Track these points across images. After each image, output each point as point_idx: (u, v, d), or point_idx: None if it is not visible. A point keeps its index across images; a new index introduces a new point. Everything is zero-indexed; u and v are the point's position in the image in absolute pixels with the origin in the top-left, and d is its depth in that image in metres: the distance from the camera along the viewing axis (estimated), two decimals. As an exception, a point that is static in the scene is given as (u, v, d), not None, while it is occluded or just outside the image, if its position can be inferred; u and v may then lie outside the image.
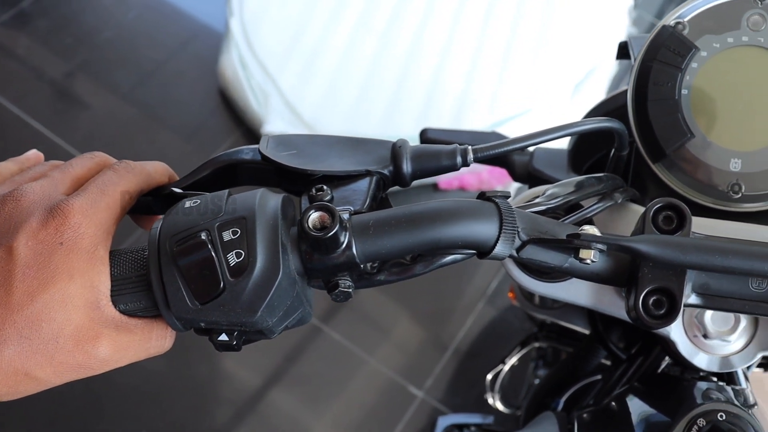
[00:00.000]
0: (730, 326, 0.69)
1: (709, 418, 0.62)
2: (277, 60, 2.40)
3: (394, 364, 2.07)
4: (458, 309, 2.16)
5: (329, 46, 2.44)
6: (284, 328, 0.56)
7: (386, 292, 2.18)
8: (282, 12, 2.51)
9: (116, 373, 0.56)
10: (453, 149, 0.61)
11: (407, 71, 2.40)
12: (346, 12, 2.51)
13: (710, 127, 0.68)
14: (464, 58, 2.43)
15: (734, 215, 0.70)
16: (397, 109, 2.32)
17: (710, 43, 0.69)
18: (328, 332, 2.11)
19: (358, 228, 0.52)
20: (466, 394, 2.03)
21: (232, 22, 2.48)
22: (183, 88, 2.58)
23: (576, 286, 0.69)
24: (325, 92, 2.34)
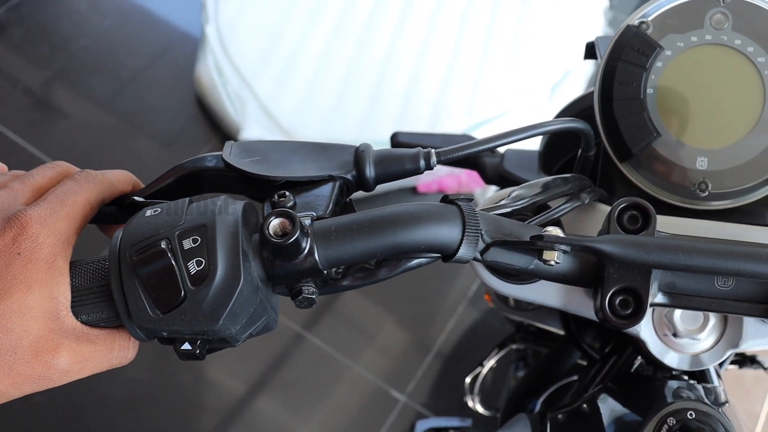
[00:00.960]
0: (699, 324, 0.69)
1: (679, 417, 0.62)
2: (254, 66, 2.39)
3: (376, 368, 2.07)
4: (439, 312, 2.16)
5: (306, 51, 2.44)
6: (249, 336, 0.55)
7: (368, 296, 2.18)
8: (258, 18, 2.50)
9: (97, 383, 0.56)
10: (416, 153, 0.60)
11: (384, 76, 2.40)
12: (323, 17, 2.51)
13: (676, 126, 0.68)
14: (441, 61, 2.43)
15: (702, 213, 0.70)
16: (374, 114, 2.32)
17: (674, 42, 0.69)
18: (311, 338, 2.10)
19: (320, 234, 0.52)
20: (449, 397, 2.03)
21: (208, 28, 2.47)
22: (161, 95, 2.57)
23: (545, 287, 0.69)
24: (302, 98, 2.34)
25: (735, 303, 0.59)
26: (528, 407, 1.00)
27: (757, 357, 1.21)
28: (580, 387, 0.87)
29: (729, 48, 0.68)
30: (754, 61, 0.68)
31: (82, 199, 0.56)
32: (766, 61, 0.67)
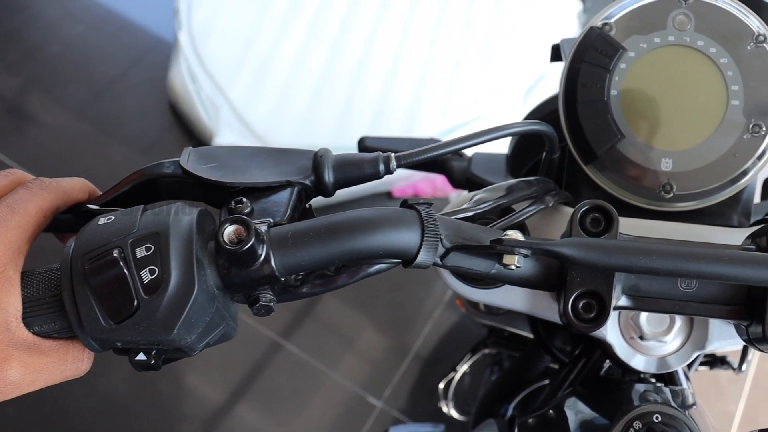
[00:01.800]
0: (665, 327, 0.69)
1: (645, 420, 0.62)
2: (227, 72, 2.37)
3: (353, 374, 2.06)
4: (416, 317, 2.15)
5: (279, 57, 2.43)
6: (206, 345, 0.54)
7: (344, 302, 2.17)
8: (231, 24, 2.49)
9: (70, 394, 0.55)
10: (375, 157, 0.60)
11: (358, 81, 2.39)
12: (296, 23, 2.50)
13: (641, 128, 0.68)
14: (415, 66, 2.42)
15: (668, 215, 0.70)
16: (348, 119, 2.31)
17: (637, 43, 0.69)
18: (288, 346, 2.09)
19: (276, 240, 0.51)
20: (426, 402, 2.02)
21: (181, 34, 2.46)
22: (134, 102, 2.55)
23: (510, 291, 0.68)
24: (275, 103, 2.33)
25: (699, 305, 0.59)
26: (499, 412, 0.99)
27: (727, 358, 1.21)
28: (550, 391, 0.87)
29: (692, 49, 0.68)
30: (716, 62, 0.68)
31: (34, 207, 0.54)
32: (728, 62, 0.67)
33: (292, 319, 2.13)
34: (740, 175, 0.68)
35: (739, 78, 0.67)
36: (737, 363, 1.15)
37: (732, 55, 0.67)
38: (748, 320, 0.58)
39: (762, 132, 0.67)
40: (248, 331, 2.09)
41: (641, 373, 0.75)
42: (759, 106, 0.67)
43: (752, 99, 0.67)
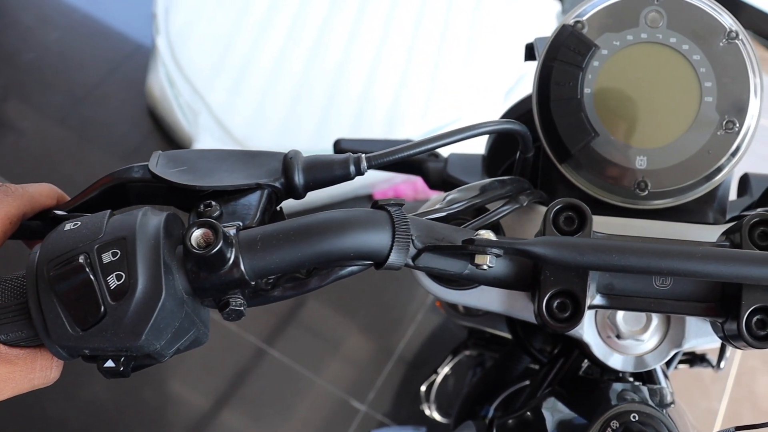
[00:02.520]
0: (642, 325, 0.68)
1: (623, 419, 0.61)
2: (206, 77, 2.36)
3: (336, 378, 2.05)
4: (399, 320, 2.14)
5: (258, 61, 2.42)
6: (176, 351, 0.53)
7: (327, 305, 2.16)
8: (209, 28, 2.48)
9: (51, 402, 0.54)
10: (345, 158, 0.59)
11: (337, 84, 2.38)
12: (275, 26, 2.49)
13: (615, 126, 0.68)
14: (394, 68, 2.42)
15: (643, 213, 0.70)
16: (328, 122, 2.30)
17: (610, 41, 0.68)
18: (271, 351, 2.07)
19: (245, 244, 0.50)
20: (410, 405, 2.01)
21: (159, 39, 2.44)
22: (113, 108, 2.53)
23: (486, 292, 0.68)
24: (255, 107, 2.32)
25: (674, 302, 0.59)
26: (480, 414, 0.99)
27: (706, 356, 1.21)
28: (530, 392, 0.86)
29: (664, 46, 0.68)
30: (689, 59, 0.67)
31: (0, 214, 0.54)
32: (701, 58, 0.67)
33: (276, 323, 2.12)
34: (714, 171, 0.68)
35: (711, 74, 0.67)
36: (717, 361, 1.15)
37: (704, 51, 0.67)
38: (724, 317, 0.58)
39: (735, 128, 0.67)
40: (232, 337, 2.08)
41: (619, 373, 0.74)
42: (732, 102, 0.67)
43: (725, 95, 0.67)
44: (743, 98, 0.67)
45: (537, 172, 0.74)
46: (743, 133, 0.67)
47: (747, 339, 0.56)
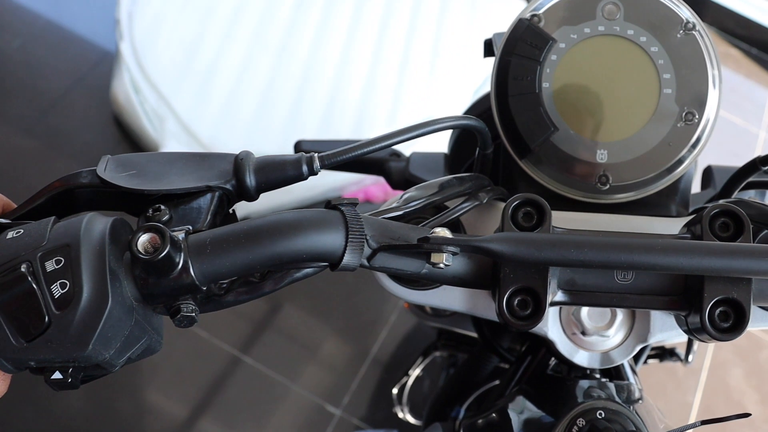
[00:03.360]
0: (607, 321, 0.68)
1: (588, 417, 0.60)
2: (171, 82, 2.33)
3: (311, 383, 2.03)
4: (372, 322, 2.13)
5: (224, 65, 2.39)
6: (128, 361, 0.52)
7: (299, 309, 2.14)
8: (174, 32, 2.45)
9: (19, 419, 0.51)
10: (298, 158, 0.58)
11: (304, 87, 2.36)
12: (240, 30, 2.47)
13: (574, 120, 0.67)
14: (361, 70, 2.41)
15: (605, 207, 0.69)
16: (295, 125, 2.28)
17: (567, 34, 0.67)
18: (245, 358, 2.05)
19: (194, 248, 0.49)
20: (386, 407, 2.00)
21: (122, 45, 2.41)
22: (78, 116, 2.49)
23: (449, 292, 0.67)
24: (222, 111, 2.29)
25: (636, 297, 0.58)
26: (451, 415, 0.98)
27: (676, 350, 1.21)
28: (499, 391, 0.85)
29: (622, 38, 0.67)
30: (647, 51, 0.67)
31: None
32: (659, 50, 0.67)
33: (249, 329, 2.10)
34: (676, 164, 0.67)
35: (670, 66, 0.66)
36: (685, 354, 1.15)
37: (662, 43, 0.67)
38: (687, 310, 0.57)
39: (695, 120, 0.66)
40: (206, 345, 2.06)
41: (587, 370, 0.74)
42: (691, 93, 0.66)
43: (684, 87, 0.66)
44: (702, 89, 0.66)
45: (496, 168, 0.73)
46: (703, 125, 0.67)
47: (710, 331, 0.55)
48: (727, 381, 2.17)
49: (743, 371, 2.18)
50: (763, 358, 2.21)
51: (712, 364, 2.19)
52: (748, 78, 2.92)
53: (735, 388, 2.16)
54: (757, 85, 2.90)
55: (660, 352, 1.21)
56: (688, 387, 2.14)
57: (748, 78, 2.92)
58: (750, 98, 2.84)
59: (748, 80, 2.92)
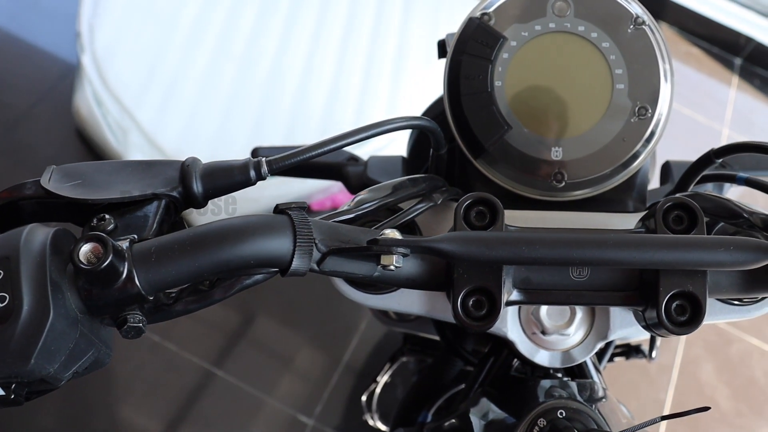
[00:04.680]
0: (566, 319, 0.67)
1: (549, 417, 0.60)
2: (134, 94, 2.30)
3: (282, 394, 2.01)
4: (343, 331, 2.12)
5: (187, 75, 2.37)
6: (75, 375, 0.50)
7: (269, 318, 2.12)
8: (136, 45, 2.42)
9: None
10: (245, 163, 0.57)
11: (269, 96, 2.35)
12: (203, 40, 2.44)
13: (528, 118, 0.67)
14: (326, 77, 2.40)
15: (562, 205, 0.69)
16: (261, 135, 2.27)
17: (518, 32, 0.67)
18: (216, 371, 2.03)
19: (139, 256, 0.48)
20: (359, 415, 1.98)
21: (84, 58, 2.38)
22: (40, 130, 2.45)
23: (407, 295, 0.66)
24: (186, 123, 2.27)
25: (593, 293, 0.57)
26: (418, 420, 0.97)
27: (641, 347, 1.21)
28: (463, 394, 0.85)
29: (573, 35, 0.67)
30: (598, 47, 0.67)
31: None
32: (610, 46, 0.66)
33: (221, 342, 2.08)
34: (631, 159, 0.67)
35: (622, 61, 0.66)
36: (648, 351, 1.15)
37: (613, 38, 0.67)
38: (643, 305, 0.57)
39: (648, 114, 0.66)
40: (177, 359, 2.03)
41: (549, 369, 0.73)
42: (643, 88, 0.66)
43: (636, 82, 0.66)
44: (654, 84, 0.66)
45: (452, 168, 0.73)
46: (656, 119, 0.66)
47: (667, 325, 0.54)
48: (698, 377, 2.18)
49: (714, 367, 2.20)
50: (733, 352, 2.22)
51: (683, 361, 2.20)
52: (710, 76, 2.95)
53: (707, 384, 2.17)
54: (719, 82, 2.93)
55: (626, 349, 1.21)
56: (661, 384, 2.15)
57: (710, 76, 2.95)
58: (712, 96, 2.87)
59: (710, 78, 2.94)
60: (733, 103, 2.86)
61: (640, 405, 2.09)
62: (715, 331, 2.25)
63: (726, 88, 2.91)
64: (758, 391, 2.17)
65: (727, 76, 2.95)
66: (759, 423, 2.13)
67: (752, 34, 2.90)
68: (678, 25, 3.02)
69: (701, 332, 2.22)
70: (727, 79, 2.94)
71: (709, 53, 3.00)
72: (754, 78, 2.95)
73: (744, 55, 2.96)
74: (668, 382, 2.15)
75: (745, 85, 2.93)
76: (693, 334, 2.18)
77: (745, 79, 2.95)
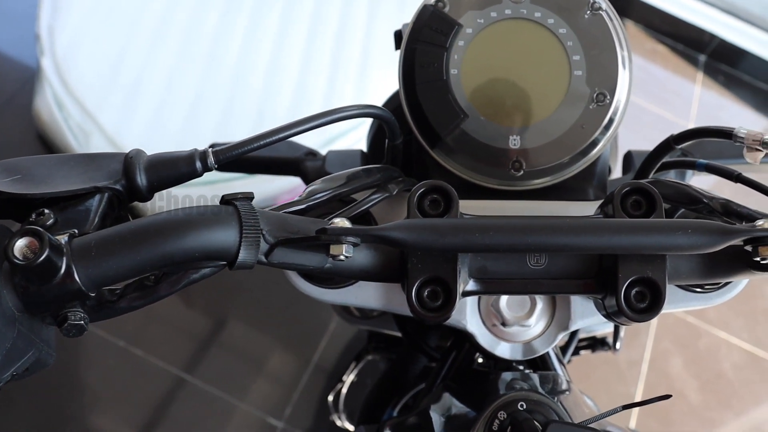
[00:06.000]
0: (527, 310, 0.66)
1: (510, 409, 0.58)
2: (96, 96, 2.27)
3: (252, 397, 1.99)
4: (312, 331, 2.10)
5: (150, 77, 2.34)
6: (13, 377, 0.48)
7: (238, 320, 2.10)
8: (97, 46, 2.39)
9: None
10: (191, 153, 0.55)
11: (233, 97, 2.32)
12: (167, 40, 2.41)
13: (485, 106, 0.65)
14: (291, 78, 2.38)
15: (522, 194, 0.67)
16: (226, 135, 2.24)
17: (474, 19, 0.66)
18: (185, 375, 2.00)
19: (78, 251, 0.46)
20: (328, 416, 1.97)
21: (44, 61, 2.34)
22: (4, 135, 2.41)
23: (364, 289, 0.64)
24: (149, 125, 2.24)
25: (551, 282, 0.56)
26: (382, 418, 0.95)
27: (606, 339, 1.20)
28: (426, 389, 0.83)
29: (530, 21, 0.66)
30: (555, 33, 0.66)
31: None
32: (567, 32, 0.65)
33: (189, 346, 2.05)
34: (590, 146, 0.66)
35: (579, 48, 0.65)
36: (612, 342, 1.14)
37: (570, 24, 0.65)
38: (603, 293, 0.56)
39: (607, 101, 0.65)
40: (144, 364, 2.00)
41: (513, 362, 0.72)
42: (601, 74, 0.65)
43: (594, 68, 0.65)
44: (612, 70, 0.65)
45: (409, 159, 0.71)
46: (615, 106, 0.65)
47: (627, 313, 0.53)
48: (668, 371, 2.19)
49: (683, 360, 2.21)
50: (702, 346, 2.23)
51: (652, 355, 2.20)
52: (675, 73, 2.97)
53: (676, 377, 2.18)
54: (685, 79, 2.94)
55: (591, 342, 1.21)
56: (631, 379, 2.15)
57: (675, 73, 2.97)
58: (678, 92, 2.88)
59: (676, 75, 2.96)
60: (699, 100, 2.88)
61: (610, 399, 2.09)
62: (683, 324, 2.26)
63: (691, 85, 2.93)
64: (726, 383, 2.18)
65: (692, 73, 2.96)
66: (727, 415, 2.14)
67: (716, 31, 2.92)
68: (643, 23, 3.04)
69: (670, 326, 2.24)
70: (692, 75, 2.96)
71: (674, 50, 3.02)
72: (719, 74, 2.97)
73: (708, 51, 2.99)
74: (638, 376, 2.16)
75: (710, 82, 2.95)
76: (662, 329, 2.19)
77: (709, 75, 2.97)
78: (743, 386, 2.18)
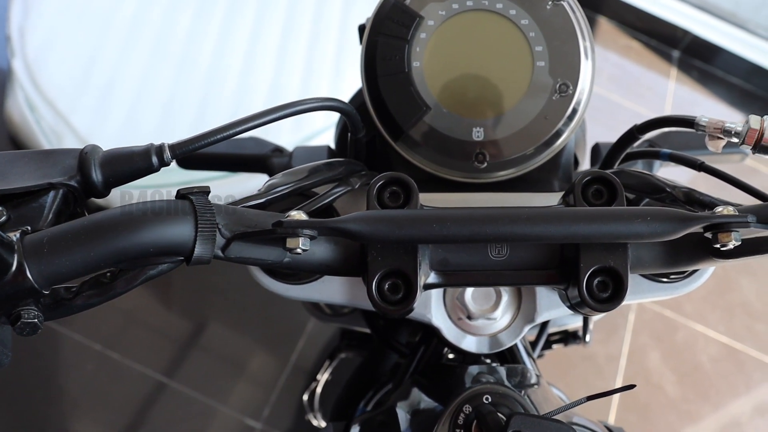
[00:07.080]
0: (492, 303, 0.66)
1: (475, 403, 0.58)
2: (68, 98, 2.24)
3: (230, 399, 1.98)
4: (289, 332, 2.09)
5: (124, 78, 2.31)
6: None
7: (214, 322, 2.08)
8: (69, 47, 2.36)
9: None
10: (146, 148, 0.54)
11: (207, 98, 2.31)
12: (140, 41, 2.39)
13: (448, 98, 0.65)
14: (265, 78, 2.36)
15: (486, 187, 0.67)
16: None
17: (435, 11, 0.65)
18: (164, 379, 1.98)
19: (30, 248, 0.45)
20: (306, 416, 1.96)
21: (15, 63, 2.31)
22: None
23: (327, 284, 0.64)
24: (122, 126, 2.22)
25: (513, 273, 0.56)
26: (355, 415, 0.94)
27: (579, 332, 1.20)
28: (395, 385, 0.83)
29: (492, 13, 0.66)
30: (517, 24, 0.65)
31: None
32: (529, 23, 0.65)
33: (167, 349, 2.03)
34: (554, 137, 0.66)
35: (541, 38, 0.65)
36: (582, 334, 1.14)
37: (532, 15, 0.65)
38: (565, 283, 0.55)
39: (570, 91, 0.65)
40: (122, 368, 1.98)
41: (480, 356, 0.72)
42: (564, 65, 0.65)
43: (557, 58, 0.65)
44: (575, 60, 0.65)
45: (372, 152, 0.71)
46: (578, 96, 0.65)
47: (589, 303, 0.53)
48: (646, 365, 2.20)
49: (661, 354, 2.21)
50: (679, 340, 2.24)
51: (630, 349, 2.21)
52: (649, 69, 2.98)
53: (654, 371, 2.19)
54: (658, 75, 2.96)
55: (563, 336, 1.21)
56: (609, 374, 2.16)
57: (649, 69, 2.98)
58: (652, 88, 2.90)
59: (650, 71, 2.97)
60: (673, 95, 2.90)
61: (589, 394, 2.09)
62: (661, 319, 2.27)
63: (665, 81, 2.94)
64: (703, 376, 2.19)
65: (666, 69, 2.98)
66: (705, 407, 2.15)
67: (689, 27, 2.94)
68: (617, 19, 3.05)
69: (648, 321, 2.24)
70: (666, 71, 2.97)
71: (648, 46, 3.03)
72: (692, 70, 2.99)
73: (682, 47, 3.00)
74: (617, 371, 2.16)
75: (683, 77, 2.97)
76: (640, 323, 2.19)
77: (683, 71, 2.98)
78: (720, 378, 2.20)
